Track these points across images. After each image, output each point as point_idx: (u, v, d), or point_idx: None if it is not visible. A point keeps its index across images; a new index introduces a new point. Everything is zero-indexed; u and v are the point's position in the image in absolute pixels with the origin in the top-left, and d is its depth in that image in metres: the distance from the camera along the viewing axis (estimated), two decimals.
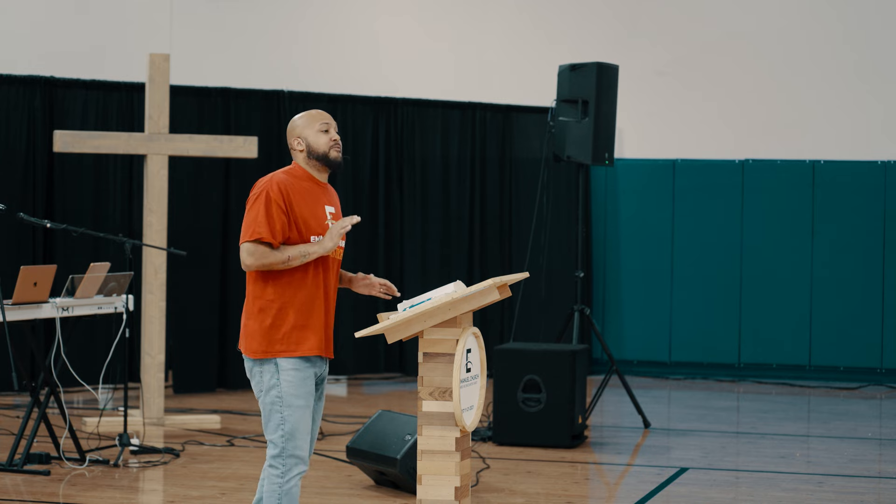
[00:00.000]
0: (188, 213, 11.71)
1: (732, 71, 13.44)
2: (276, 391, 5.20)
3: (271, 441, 5.23)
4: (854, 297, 13.03)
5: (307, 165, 5.38)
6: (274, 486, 5.22)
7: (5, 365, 9.74)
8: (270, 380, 5.21)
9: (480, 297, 5.23)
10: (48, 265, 8.22)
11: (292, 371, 5.20)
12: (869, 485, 8.22)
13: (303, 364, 5.23)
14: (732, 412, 11.29)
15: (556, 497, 7.63)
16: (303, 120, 5.39)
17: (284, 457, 5.21)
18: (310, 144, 5.35)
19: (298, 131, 5.37)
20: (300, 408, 5.21)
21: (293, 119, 5.43)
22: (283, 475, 5.22)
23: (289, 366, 5.20)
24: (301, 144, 5.36)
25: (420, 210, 12.93)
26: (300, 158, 5.38)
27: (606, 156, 10.21)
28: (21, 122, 11.28)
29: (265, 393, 5.22)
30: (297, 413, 5.20)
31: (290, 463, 5.22)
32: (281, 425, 5.20)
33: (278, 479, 5.22)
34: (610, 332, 13.47)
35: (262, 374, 5.23)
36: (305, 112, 5.44)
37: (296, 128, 5.38)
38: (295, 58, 13.06)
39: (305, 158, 5.37)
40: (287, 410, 5.19)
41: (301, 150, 5.36)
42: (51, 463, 8.18)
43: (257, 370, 5.24)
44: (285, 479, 5.22)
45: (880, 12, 13.21)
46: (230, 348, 11.95)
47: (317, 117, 5.39)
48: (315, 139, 5.36)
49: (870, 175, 13.03)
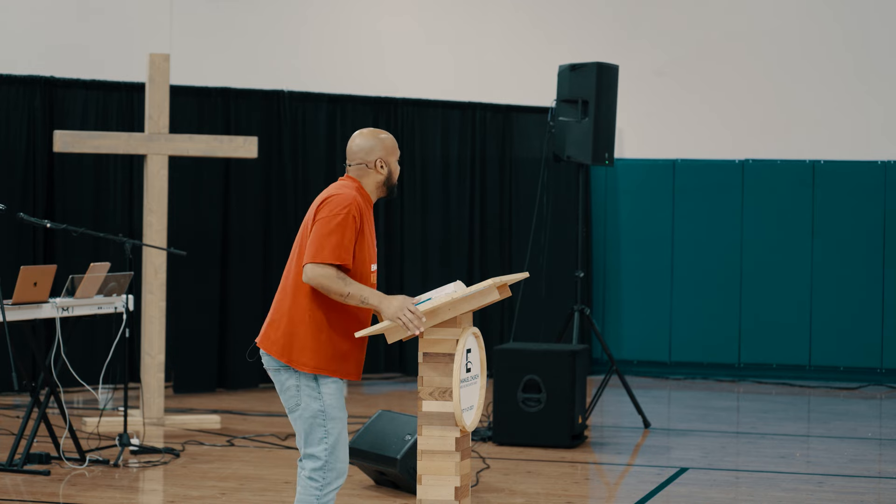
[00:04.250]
0: (188, 213, 11.71)
1: (732, 71, 13.44)
2: (318, 405, 5.15)
3: (313, 455, 5.17)
4: (854, 297, 13.03)
5: (375, 189, 5.30)
6: (311, 499, 5.18)
7: (5, 365, 9.73)
8: (310, 394, 5.15)
9: (480, 297, 5.23)
10: (48, 265, 8.22)
11: (333, 385, 5.18)
12: (869, 485, 8.22)
13: (341, 380, 5.22)
14: (732, 412, 11.29)
15: (556, 497, 7.63)
16: (388, 144, 5.31)
17: (326, 470, 5.17)
18: (391, 172, 5.32)
19: (384, 155, 5.29)
20: (341, 420, 5.19)
21: (372, 138, 5.30)
22: (323, 488, 5.18)
23: (330, 382, 5.18)
24: (384, 169, 5.29)
25: (420, 210, 12.93)
26: (373, 180, 5.28)
27: (606, 156, 10.21)
28: (21, 122, 11.28)
29: (303, 407, 5.15)
30: (339, 426, 5.18)
31: (330, 476, 5.19)
32: (324, 438, 5.16)
33: (316, 492, 5.17)
34: (610, 332, 13.47)
35: (298, 387, 5.16)
36: (383, 134, 5.32)
37: (380, 150, 5.28)
38: (295, 58, 13.06)
39: (380, 182, 5.30)
40: (330, 423, 5.16)
41: (382, 173, 5.29)
42: (51, 463, 8.19)
43: (293, 381, 5.16)
44: (324, 493, 5.18)
45: (879, 13, 13.21)
46: (230, 348, 11.95)
47: (396, 146, 5.33)
48: (395, 169, 5.33)
49: (870, 175, 13.03)
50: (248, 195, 12.06)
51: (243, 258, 12.01)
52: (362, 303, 5.06)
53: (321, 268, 5.05)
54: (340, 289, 5.04)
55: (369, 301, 5.05)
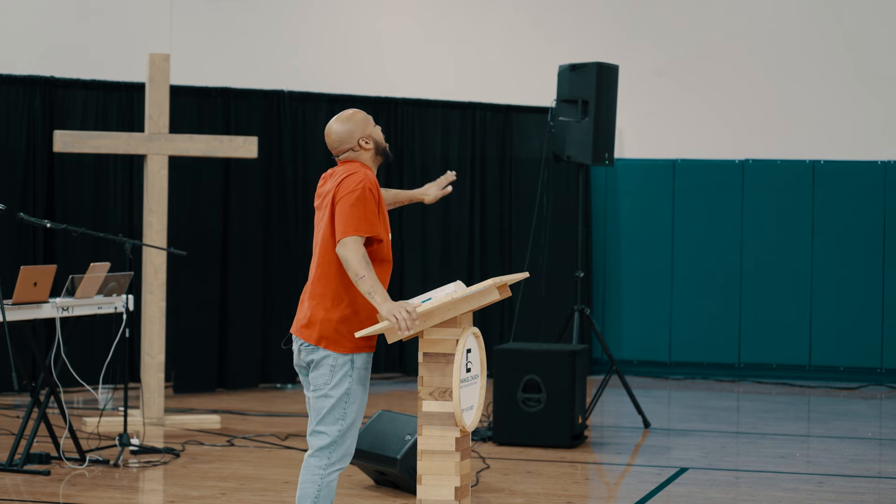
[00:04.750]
0: (188, 213, 11.71)
1: (732, 71, 13.44)
2: (347, 385, 5.23)
3: (323, 432, 5.23)
4: (854, 297, 13.03)
5: (372, 162, 5.44)
6: (315, 477, 5.24)
7: (5, 365, 9.73)
8: (344, 375, 5.23)
9: (480, 297, 5.23)
10: (48, 265, 8.21)
11: (362, 369, 5.27)
12: (869, 485, 8.22)
13: (368, 359, 5.30)
14: (732, 412, 11.29)
15: (556, 497, 7.63)
16: (360, 119, 5.42)
17: (332, 449, 5.24)
18: (377, 140, 5.43)
19: (361, 132, 5.40)
20: (361, 406, 5.29)
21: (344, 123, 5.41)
22: (327, 468, 5.24)
23: (361, 363, 5.26)
24: (369, 143, 5.40)
25: (420, 210, 12.92)
26: (366, 157, 5.41)
27: (606, 156, 10.21)
28: (21, 122, 11.28)
29: (333, 386, 5.22)
30: (358, 410, 5.27)
31: (335, 456, 5.25)
32: (341, 419, 5.23)
33: (320, 471, 5.24)
34: (610, 332, 13.47)
35: (333, 368, 5.23)
36: (350, 114, 5.44)
37: (356, 129, 5.39)
38: (295, 58, 13.06)
39: (373, 156, 5.43)
40: (351, 406, 5.24)
41: (369, 147, 5.40)
42: (51, 463, 8.19)
43: (329, 363, 5.23)
44: (327, 472, 5.24)
45: (879, 13, 13.21)
46: (230, 348, 11.95)
47: (368, 116, 5.46)
48: (378, 136, 5.45)
49: (870, 175, 13.03)
50: (248, 195, 12.05)
51: (243, 258, 12.01)
52: (368, 294, 5.11)
53: (353, 241, 5.14)
54: (359, 269, 5.10)
55: (374, 297, 5.10)
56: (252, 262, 12.04)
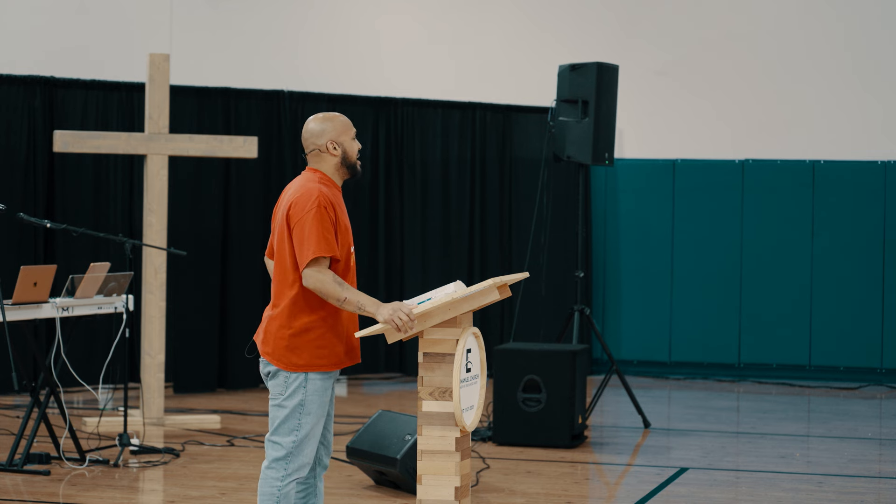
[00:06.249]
0: (188, 213, 11.71)
1: (732, 71, 13.44)
2: (299, 397, 5.20)
3: (278, 443, 5.23)
4: (854, 297, 13.03)
5: (335, 171, 5.30)
6: (273, 489, 5.23)
7: (5, 365, 9.74)
8: (297, 388, 5.21)
9: (480, 297, 5.23)
10: (48, 265, 8.21)
11: (318, 381, 5.23)
12: (869, 485, 8.22)
13: (327, 375, 5.26)
14: (732, 412, 11.29)
15: (556, 497, 7.63)
16: (338, 124, 5.29)
17: (288, 461, 5.23)
18: (346, 151, 5.29)
19: (334, 135, 5.27)
20: (318, 416, 5.24)
21: (322, 122, 5.29)
22: (283, 479, 5.23)
23: (316, 377, 5.23)
24: (337, 150, 5.27)
25: (420, 210, 12.93)
26: (330, 163, 5.28)
27: (606, 156, 10.21)
28: (21, 122, 11.28)
29: (286, 398, 5.21)
30: (313, 421, 5.23)
31: (291, 468, 5.23)
32: (295, 430, 5.21)
33: (277, 482, 5.23)
34: (610, 332, 13.47)
35: (287, 381, 5.21)
36: (332, 115, 5.34)
37: (330, 131, 5.27)
38: (295, 58, 13.06)
39: (337, 164, 5.29)
40: (306, 418, 5.22)
41: (336, 154, 5.27)
42: (51, 463, 8.19)
43: (283, 376, 5.22)
44: (284, 483, 5.23)
45: (880, 12, 13.21)
46: (230, 348, 11.95)
47: (349, 125, 5.32)
48: (350, 147, 5.31)
49: (870, 175, 13.03)
50: (248, 195, 12.05)
51: (243, 258, 12.01)
52: (359, 309, 5.11)
53: (317, 272, 5.08)
54: (338, 294, 5.08)
55: (366, 308, 5.10)
56: (252, 262, 12.04)
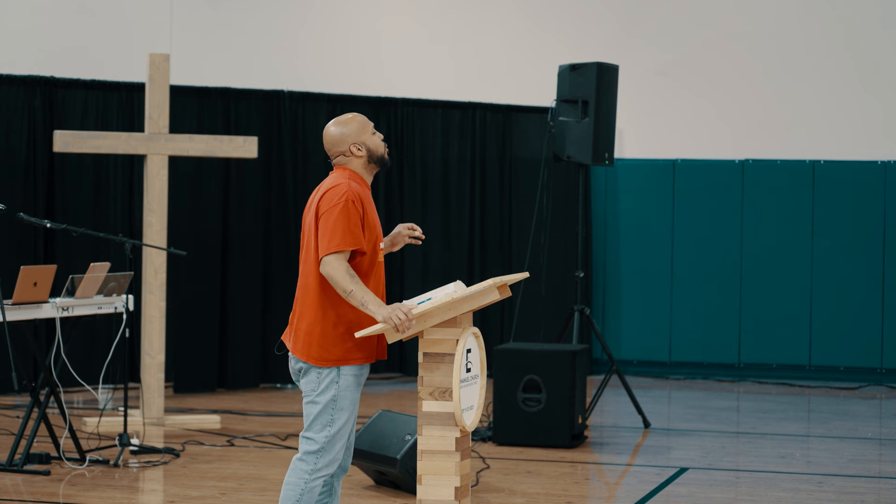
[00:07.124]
0: (188, 213, 11.71)
1: (732, 71, 13.44)
2: (332, 392, 5.25)
3: (311, 438, 5.27)
4: (854, 297, 13.03)
5: (364, 170, 5.41)
6: (300, 481, 5.27)
7: (5, 365, 9.74)
8: (330, 384, 5.25)
9: (480, 297, 5.24)
10: (48, 265, 8.21)
11: (350, 377, 5.28)
12: (869, 485, 8.22)
13: (359, 370, 5.31)
14: (732, 412, 11.29)
15: (556, 497, 7.63)
16: (355, 126, 5.39)
17: (320, 455, 5.27)
18: (370, 149, 5.39)
19: (355, 137, 5.37)
20: (351, 412, 5.29)
21: (339, 127, 5.39)
22: (312, 473, 5.28)
23: (348, 372, 5.28)
24: (361, 150, 5.37)
25: (420, 210, 12.92)
26: (357, 164, 5.38)
27: (606, 156, 10.21)
28: (21, 122, 11.28)
29: (319, 393, 5.26)
30: (345, 417, 5.27)
31: (321, 462, 5.28)
32: (328, 426, 5.26)
33: (305, 475, 5.28)
34: (610, 332, 13.47)
35: (319, 377, 5.27)
36: (347, 119, 5.42)
37: (350, 134, 5.37)
38: (295, 58, 13.06)
39: (365, 163, 5.40)
40: (339, 413, 5.26)
41: (361, 155, 5.37)
42: (51, 463, 8.18)
43: (315, 372, 5.28)
44: (312, 477, 5.28)
45: (880, 12, 13.21)
46: (230, 348, 11.95)
47: (366, 122, 5.42)
48: (373, 143, 5.40)
49: (870, 175, 13.03)
50: (248, 195, 12.05)
51: (243, 258, 12.01)
52: (362, 305, 5.15)
53: (335, 259, 5.17)
54: (346, 285, 5.15)
55: (368, 306, 5.15)
56: (252, 262, 12.04)
